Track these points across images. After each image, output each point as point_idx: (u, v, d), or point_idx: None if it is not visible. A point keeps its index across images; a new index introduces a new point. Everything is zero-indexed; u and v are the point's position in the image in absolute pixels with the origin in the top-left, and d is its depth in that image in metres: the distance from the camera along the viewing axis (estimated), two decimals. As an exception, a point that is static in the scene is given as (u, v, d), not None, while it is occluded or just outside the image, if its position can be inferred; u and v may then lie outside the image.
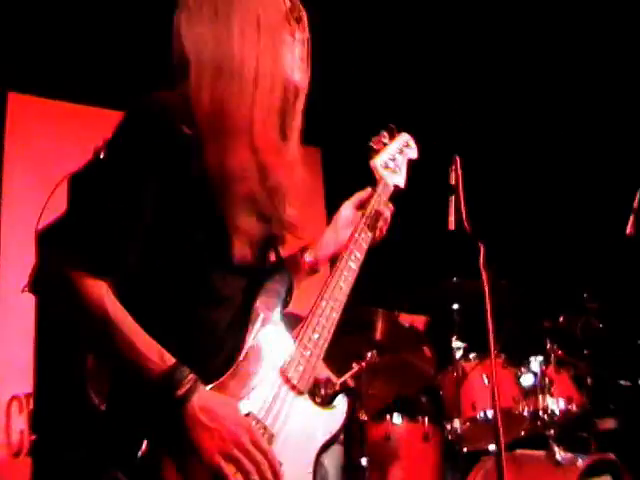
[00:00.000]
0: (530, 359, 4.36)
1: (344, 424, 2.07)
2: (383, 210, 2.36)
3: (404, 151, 2.56)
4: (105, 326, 1.76)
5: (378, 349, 4.36)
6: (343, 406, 2.09)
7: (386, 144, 2.55)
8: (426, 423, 4.38)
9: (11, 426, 4.57)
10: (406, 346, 4.43)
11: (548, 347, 4.40)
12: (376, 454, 4.25)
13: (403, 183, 2.52)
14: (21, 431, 4.56)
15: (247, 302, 1.97)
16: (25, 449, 4.48)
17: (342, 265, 2.17)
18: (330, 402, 2.08)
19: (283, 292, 2.06)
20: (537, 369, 4.32)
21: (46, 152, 5.18)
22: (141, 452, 1.72)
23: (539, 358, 4.35)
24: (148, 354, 1.75)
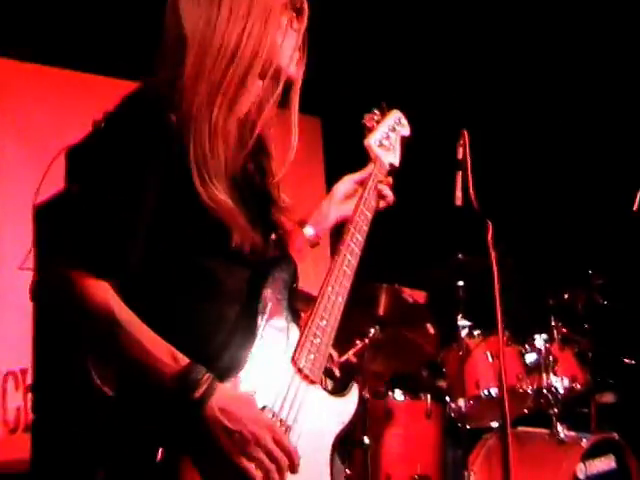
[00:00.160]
0: (534, 337, 4.32)
1: (356, 413, 2.01)
2: (381, 189, 2.32)
3: (397, 129, 2.51)
4: (112, 329, 1.68)
5: (381, 325, 4.32)
6: (354, 394, 2.04)
7: (378, 122, 2.49)
8: (428, 400, 4.32)
9: (7, 402, 4.51)
10: (409, 323, 4.38)
11: (552, 324, 4.37)
12: (378, 431, 4.21)
13: (398, 161, 2.47)
14: (17, 408, 4.50)
15: (254, 293, 1.89)
16: (22, 426, 4.42)
17: (345, 248, 2.11)
18: (341, 390, 2.02)
19: (289, 280, 1.98)
20: (541, 347, 4.29)
21: (40, 122, 5.03)
22: (158, 458, 1.65)
23: (543, 336, 4.32)
24: (160, 355, 1.68)
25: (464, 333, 4.38)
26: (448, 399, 4.32)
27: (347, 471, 3.93)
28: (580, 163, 5.44)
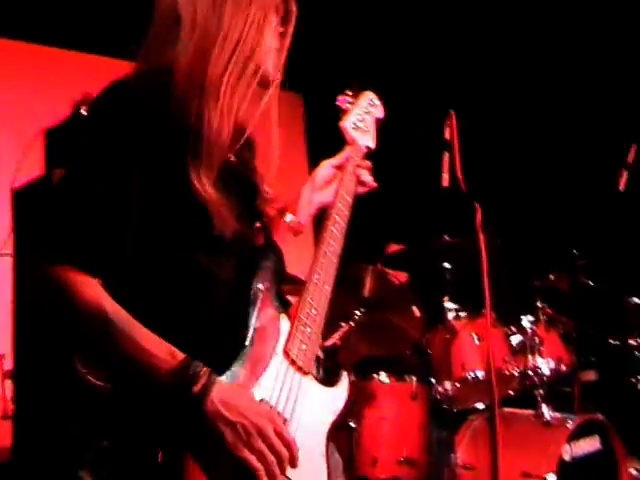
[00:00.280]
0: (520, 318, 4.30)
1: (347, 402, 2.00)
2: (360, 174, 2.31)
3: (371, 111, 2.48)
4: (106, 328, 1.63)
5: (366, 307, 4.28)
6: (345, 383, 2.03)
7: (352, 104, 2.47)
8: (414, 382, 4.30)
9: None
10: (395, 305, 4.34)
11: (538, 306, 4.36)
12: (363, 414, 4.18)
13: (374, 144, 2.45)
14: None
15: (244, 283, 1.85)
16: (0, 413, 4.35)
17: (328, 235, 2.10)
18: (332, 379, 2.01)
19: (277, 269, 1.95)
20: (527, 328, 4.26)
21: (15, 100, 4.91)
22: (160, 457, 1.62)
23: (529, 317, 4.30)
24: (156, 352, 1.64)
25: (450, 315, 4.35)
26: (434, 381, 4.30)
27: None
28: (565, 143, 5.42)
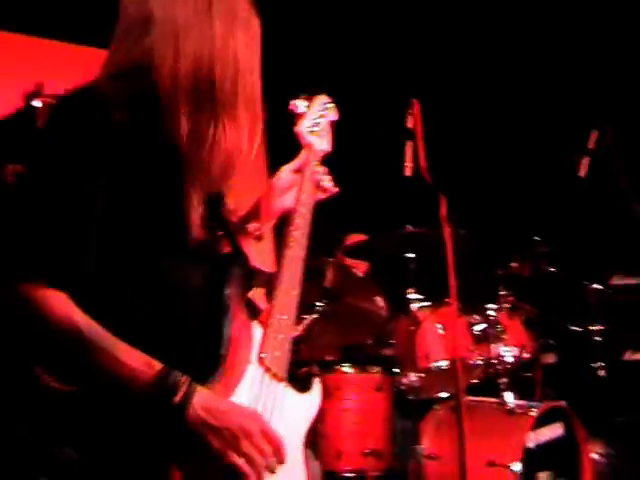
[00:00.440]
0: (483, 307, 4.30)
1: (319, 409, 2.04)
2: (319, 179, 2.32)
3: (325, 114, 2.49)
4: (80, 344, 1.57)
5: (328, 298, 4.25)
6: (317, 389, 2.05)
7: (307, 107, 2.47)
8: (378, 373, 4.29)
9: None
10: (357, 295, 4.32)
11: (501, 294, 4.36)
12: (327, 406, 4.15)
13: (329, 147, 2.46)
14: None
15: (215, 292, 1.81)
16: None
17: (292, 241, 2.10)
18: (304, 386, 2.03)
19: (245, 276, 1.92)
20: (490, 317, 4.27)
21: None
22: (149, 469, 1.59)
23: (492, 306, 4.30)
24: (132, 363, 1.59)
25: (414, 305, 4.34)
26: (398, 371, 4.29)
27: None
28: (525, 131, 5.43)
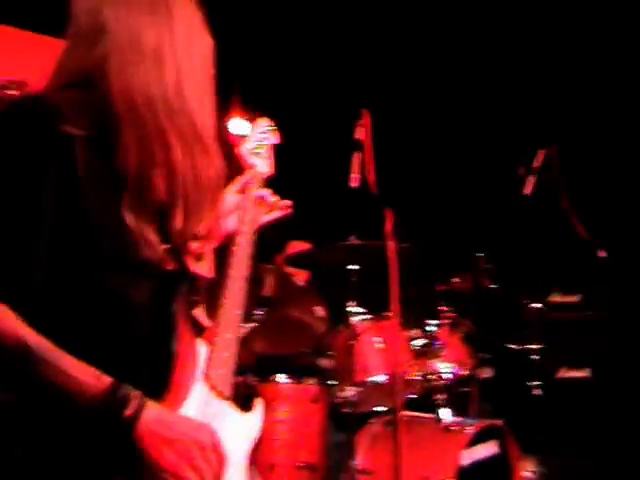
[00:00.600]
0: (423, 322, 4.27)
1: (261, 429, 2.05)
2: (263, 198, 2.32)
3: (267, 136, 2.50)
4: (27, 359, 1.51)
5: (266, 306, 4.19)
6: (260, 409, 2.07)
7: (249, 130, 2.49)
8: (315, 384, 4.22)
9: None
10: (297, 304, 4.27)
11: (441, 310, 4.34)
12: (264, 416, 4.07)
13: (272, 170, 2.47)
14: None
15: (163, 308, 1.77)
16: None
17: (236, 261, 2.11)
18: (247, 405, 2.04)
19: (191, 293, 1.92)
20: (430, 332, 4.24)
21: None
22: None
23: (432, 321, 4.28)
24: (82, 377, 1.54)
25: (353, 317, 4.28)
26: (335, 383, 4.23)
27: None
28: (472, 147, 5.44)
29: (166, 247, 1.81)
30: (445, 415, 4.11)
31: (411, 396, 4.25)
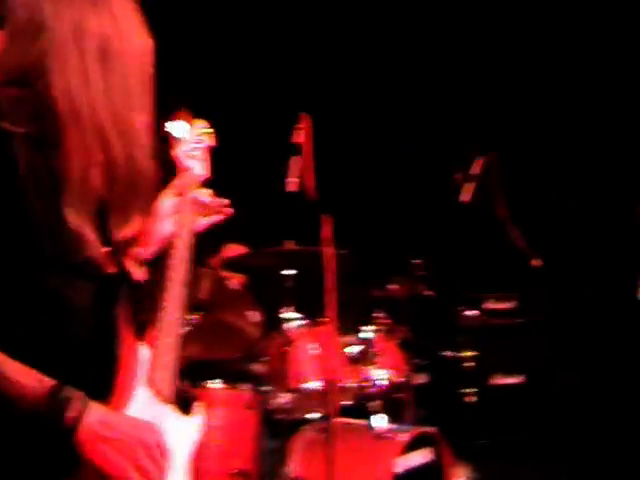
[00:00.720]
0: (359, 328, 4.26)
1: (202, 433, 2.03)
2: (202, 201, 2.29)
3: (202, 139, 2.46)
4: None
5: (201, 310, 4.12)
6: (201, 413, 2.06)
7: (184, 131, 2.44)
8: (249, 391, 4.16)
9: None
10: (232, 308, 4.21)
11: (377, 316, 4.33)
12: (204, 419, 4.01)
13: (207, 172, 2.43)
14: None
15: (103, 311, 1.75)
16: None
17: (175, 263, 2.10)
18: (188, 408, 2.02)
19: (132, 296, 1.90)
20: (365, 339, 4.23)
21: None
22: None
23: (368, 327, 4.26)
24: (23, 381, 1.53)
25: (288, 323, 4.24)
26: (268, 390, 4.18)
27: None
28: (411, 154, 5.44)
29: (107, 249, 1.78)
30: (379, 422, 4.08)
31: (345, 403, 4.22)
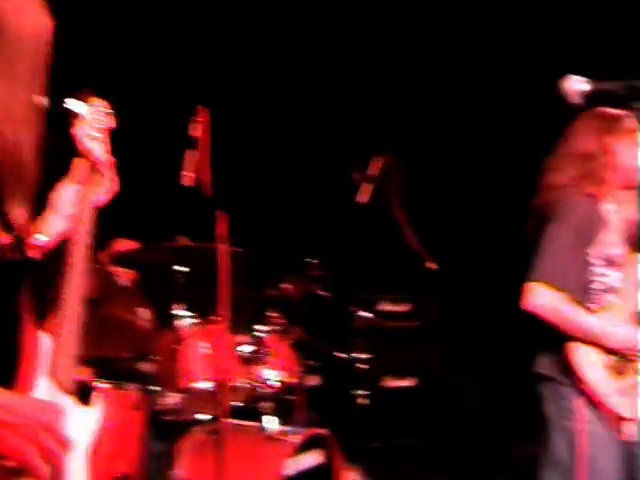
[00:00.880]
0: (252, 327, 4.20)
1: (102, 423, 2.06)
2: (99, 181, 2.29)
3: (103, 119, 2.42)
4: None
5: (89, 306, 3.97)
6: (100, 403, 2.11)
7: (84, 110, 2.39)
8: (136, 390, 4.03)
9: None
10: (121, 305, 4.08)
11: (270, 315, 4.28)
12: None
13: (107, 153, 2.41)
14: None
15: (8, 300, 1.72)
16: None
17: (75, 251, 2.13)
18: (87, 399, 2.05)
19: (37, 285, 1.84)
20: (258, 338, 4.17)
21: None
22: None
23: (261, 327, 4.21)
24: None
25: (179, 320, 4.13)
26: (157, 390, 4.06)
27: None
28: (309, 153, 5.41)
29: (7, 235, 1.72)
30: (270, 424, 4.03)
31: (236, 404, 4.16)
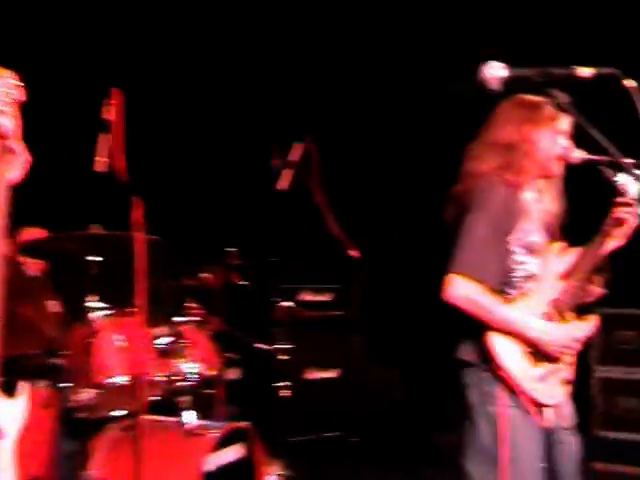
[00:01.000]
0: (169, 319, 4.07)
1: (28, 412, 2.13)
2: (10, 158, 2.27)
3: (11, 92, 2.32)
4: None
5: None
6: (25, 394, 2.22)
7: None
8: (46, 387, 3.85)
9: None
10: (29, 297, 3.90)
11: (188, 306, 4.16)
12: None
13: (17, 128, 2.34)
14: None
15: None
16: None
17: None
18: (11, 390, 2.12)
19: None
20: (175, 330, 4.05)
21: None
22: None
23: (179, 318, 4.09)
24: None
25: (92, 313, 3.96)
26: (68, 386, 3.89)
27: None
28: (228, 138, 5.31)
29: None
30: (189, 418, 3.91)
31: (154, 398, 4.02)
